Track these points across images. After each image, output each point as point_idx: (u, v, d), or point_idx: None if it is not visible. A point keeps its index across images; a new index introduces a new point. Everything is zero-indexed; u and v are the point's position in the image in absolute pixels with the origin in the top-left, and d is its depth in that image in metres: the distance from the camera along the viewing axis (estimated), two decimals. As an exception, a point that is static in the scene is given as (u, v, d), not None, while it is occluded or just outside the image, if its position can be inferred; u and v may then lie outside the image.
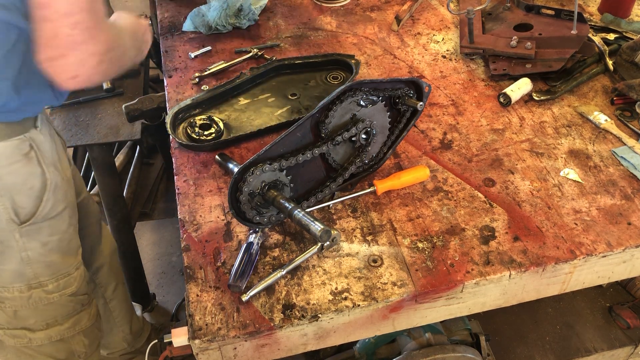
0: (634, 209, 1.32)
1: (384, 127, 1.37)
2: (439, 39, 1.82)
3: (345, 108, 1.28)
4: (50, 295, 1.52)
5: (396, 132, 1.40)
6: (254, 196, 1.19)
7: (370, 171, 1.40)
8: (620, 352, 1.98)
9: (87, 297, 1.66)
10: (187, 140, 1.47)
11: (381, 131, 1.37)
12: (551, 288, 1.29)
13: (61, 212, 1.46)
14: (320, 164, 1.32)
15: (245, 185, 1.16)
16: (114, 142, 2.00)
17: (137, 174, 2.79)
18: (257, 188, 1.19)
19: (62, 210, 1.46)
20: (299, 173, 1.27)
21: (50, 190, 1.39)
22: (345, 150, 1.33)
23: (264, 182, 1.20)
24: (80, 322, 1.65)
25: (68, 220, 1.50)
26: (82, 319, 1.66)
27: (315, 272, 1.20)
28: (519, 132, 1.51)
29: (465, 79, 1.68)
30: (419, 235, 1.27)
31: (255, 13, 1.86)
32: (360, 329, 1.21)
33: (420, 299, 1.18)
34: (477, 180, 1.39)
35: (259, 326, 1.11)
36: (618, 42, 1.73)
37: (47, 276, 1.49)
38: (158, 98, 1.70)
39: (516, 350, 1.97)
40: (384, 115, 1.36)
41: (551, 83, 1.63)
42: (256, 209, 1.21)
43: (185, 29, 1.84)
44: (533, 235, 1.27)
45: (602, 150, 1.46)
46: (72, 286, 1.56)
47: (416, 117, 1.40)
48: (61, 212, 1.46)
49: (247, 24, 1.85)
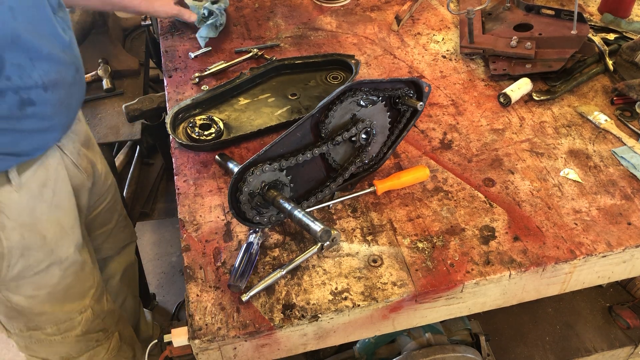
0: (634, 209, 1.32)
1: (384, 127, 1.37)
2: (439, 39, 1.82)
3: (345, 108, 1.28)
4: (52, 337, 1.47)
5: (396, 132, 1.40)
6: (254, 196, 1.19)
7: (370, 171, 1.40)
8: (620, 352, 1.98)
9: (102, 333, 1.59)
10: (187, 140, 1.47)
11: (381, 131, 1.37)
12: (551, 288, 1.29)
13: (46, 269, 1.39)
14: (320, 164, 1.32)
15: (245, 185, 1.16)
16: (114, 142, 2.00)
17: (137, 174, 2.78)
18: (257, 188, 1.19)
19: (47, 267, 1.39)
20: (299, 173, 1.27)
21: (12, 256, 1.30)
22: (345, 150, 1.33)
23: (264, 182, 1.20)
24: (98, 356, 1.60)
25: (60, 274, 1.43)
26: (99, 353, 1.60)
27: (315, 272, 1.20)
28: (519, 132, 1.51)
29: (465, 79, 1.68)
30: (419, 235, 1.27)
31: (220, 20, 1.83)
32: (360, 329, 1.21)
33: (420, 299, 1.18)
34: (477, 180, 1.39)
35: (259, 326, 1.11)
36: (618, 42, 1.73)
37: (43, 322, 1.44)
38: (158, 98, 1.70)
39: (516, 350, 1.97)
40: (384, 115, 1.36)
41: (551, 83, 1.63)
42: (256, 209, 1.21)
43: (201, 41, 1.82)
44: (533, 235, 1.27)
45: (602, 150, 1.46)
46: (75, 329, 1.51)
47: (416, 117, 1.40)
48: (46, 269, 1.39)
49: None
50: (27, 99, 1.17)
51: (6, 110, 1.15)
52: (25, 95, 1.16)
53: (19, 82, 1.14)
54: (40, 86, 1.19)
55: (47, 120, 1.25)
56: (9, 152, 1.22)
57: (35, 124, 1.22)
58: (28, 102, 1.18)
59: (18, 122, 1.18)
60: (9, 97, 1.14)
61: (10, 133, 1.19)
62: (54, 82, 1.22)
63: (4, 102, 1.14)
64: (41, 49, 1.17)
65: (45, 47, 1.18)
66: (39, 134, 1.26)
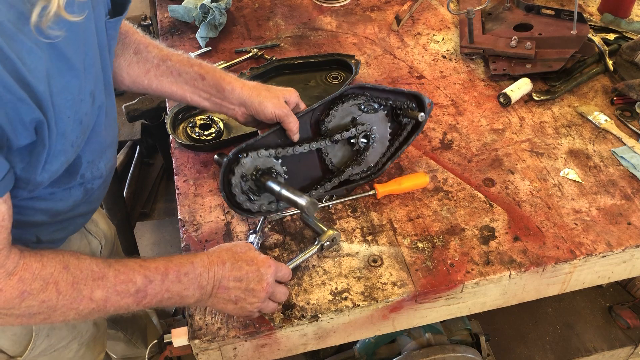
0: (634, 209, 1.32)
1: (384, 137, 1.37)
2: (439, 39, 1.82)
3: (346, 110, 1.28)
4: None
5: (396, 144, 1.40)
6: (246, 180, 1.17)
7: (367, 180, 1.39)
8: (620, 352, 1.98)
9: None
10: (187, 140, 1.47)
11: (381, 141, 1.36)
12: (551, 288, 1.29)
13: (67, 345, 1.36)
14: (317, 163, 1.32)
15: (239, 167, 1.14)
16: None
17: (137, 174, 2.78)
18: (250, 172, 1.17)
19: (68, 343, 1.36)
20: (295, 167, 1.25)
21: (39, 337, 1.27)
22: (344, 154, 1.33)
23: (258, 167, 1.18)
24: None
25: (77, 347, 1.40)
26: None
27: (315, 272, 1.20)
28: (519, 132, 1.51)
29: (465, 79, 1.68)
30: (419, 235, 1.27)
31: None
32: (360, 329, 1.21)
33: (420, 299, 1.18)
34: (477, 180, 1.39)
35: (259, 326, 1.11)
36: (618, 42, 1.73)
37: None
38: (158, 98, 1.70)
39: (516, 350, 1.97)
40: (385, 125, 1.35)
41: (551, 83, 1.63)
42: (247, 195, 1.19)
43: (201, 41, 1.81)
44: (533, 235, 1.27)
45: (602, 150, 1.46)
46: None
47: (419, 131, 1.39)
48: (67, 345, 1.36)
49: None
50: (90, 188, 1.12)
51: (71, 203, 1.10)
52: (89, 186, 1.11)
53: (90, 176, 1.10)
54: (104, 174, 1.14)
55: (95, 204, 1.22)
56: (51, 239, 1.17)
57: (85, 209, 1.18)
58: (90, 192, 1.13)
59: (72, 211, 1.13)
60: (75, 191, 1.09)
61: (66, 222, 1.15)
62: (112, 167, 1.19)
63: (70, 196, 1.08)
64: (107, 138, 1.12)
65: (110, 135, 1.13)
66: (82, 218, 1.22)
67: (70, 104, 0.90)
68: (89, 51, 0.94)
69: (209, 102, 1.27)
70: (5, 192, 0.86)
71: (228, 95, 1.24)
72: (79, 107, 0.92)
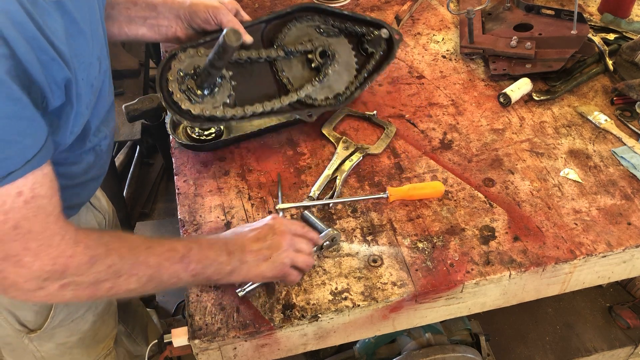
0: (634, 209, 1.32)
1: (349, 64, 1.34)
2: (439, 39, 1.82)
3: (302, 30, 1.24)
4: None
5: (365, 73, 1.37)
6: (185, 77, 1.14)
7: (335, 107, 1.36)
8: (620, 352, 1.98)
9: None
10: (187, 140, 1.47)
11: (347, 68, 1.33)
12: (551, 288, 1.29)
13: (83, 315, 1.37)
14: (271, 80, 1.27)
15: (175, 62, 1.12)
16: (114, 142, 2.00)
17: (137, 174, 2.79)
18: (190, 70, 1.14)
19: (84, 313, 1.38)
20: (246, 80, 1.22)
21: (60, 305, 1.29)
22: (303, 74, 1.29)
23: (197, 65, 1.14)
24: None
25: (92, 319, 1.42)
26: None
27: (315, 272, 1.20)
28: (519, 132, 1.51)
29: (465, 79, 1.68)
30: (419, 235, 1.27)
31: None
32: (360, 329, 1.21)
33: (420, 299, 1.18)
34: (477, 180, 1.39)
35: (259, 326, 1.11)
36: (618, 42, 1.73)
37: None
38: (158, 98, 1.69)
39: (516, 350, 1.97)
40: (349, 52, 1.32)
41: (551, 83, 1.63)
42: (186, 94, 1.16)
43: None
44: (533, 235, 1.27)
45: (602, 150, 1.46)
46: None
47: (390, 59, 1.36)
48: (83, 315, 1.37)
49: None
50: (99, 150, 1.15)
51: (84, 165, 1.13)
52: (98, 148, 1.14)
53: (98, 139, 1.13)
54: (108, 135, 1.17)
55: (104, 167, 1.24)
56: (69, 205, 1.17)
57: (96, 172, 1.20)
58: (100, 154, 1.16)
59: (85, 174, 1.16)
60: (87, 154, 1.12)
61: (80, 187, 1.17)
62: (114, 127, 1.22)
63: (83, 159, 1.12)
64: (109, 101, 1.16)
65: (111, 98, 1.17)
66: (93, 182, 1.24)
67: (84, 67, 0.92)
68: (92, 16, 0.96)
69: (146, 27, 1.24)
70: (51, 154, 0.88)
71: (162, 10, 1.22)
72: (89, 70, 0.95)
